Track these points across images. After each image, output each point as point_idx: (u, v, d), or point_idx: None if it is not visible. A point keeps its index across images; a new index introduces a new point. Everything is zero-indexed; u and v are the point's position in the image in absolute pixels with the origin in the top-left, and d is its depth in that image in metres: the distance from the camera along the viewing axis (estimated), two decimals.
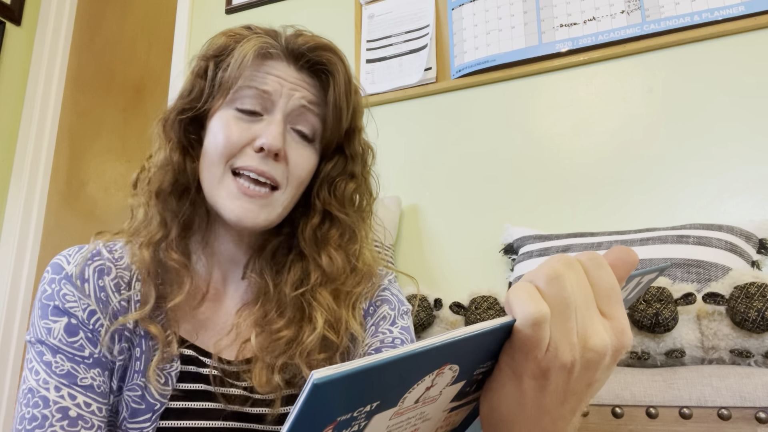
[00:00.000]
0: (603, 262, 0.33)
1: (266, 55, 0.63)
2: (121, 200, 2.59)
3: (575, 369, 0.31)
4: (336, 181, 0.67)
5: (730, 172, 1.37)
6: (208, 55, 0.64)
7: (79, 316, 0.56)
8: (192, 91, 0.64)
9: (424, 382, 0.28)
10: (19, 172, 2.28)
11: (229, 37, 0.64)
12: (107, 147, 2.67)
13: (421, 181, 1.70)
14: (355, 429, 0.28)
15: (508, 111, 1.64)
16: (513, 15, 1.67)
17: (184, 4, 2.24)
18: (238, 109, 0.62)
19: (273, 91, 0.61)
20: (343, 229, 0.66)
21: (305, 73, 0.64)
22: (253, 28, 0.66)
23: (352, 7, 1.93)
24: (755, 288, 0.89)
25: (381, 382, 0.26)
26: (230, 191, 0.60)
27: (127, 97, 2.72)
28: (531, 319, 0.29)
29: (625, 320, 0.32)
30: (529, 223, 1.51)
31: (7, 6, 2.29)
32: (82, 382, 0.54)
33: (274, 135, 0.59)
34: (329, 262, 0.64)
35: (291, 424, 0.24)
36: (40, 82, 2.37)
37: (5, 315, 2.14)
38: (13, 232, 2.23)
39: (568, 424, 0.35)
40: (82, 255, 0.59)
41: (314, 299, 0.62)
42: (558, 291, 0.30)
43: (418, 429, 0.33)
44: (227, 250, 0.66)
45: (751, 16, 1.40)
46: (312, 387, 0.22)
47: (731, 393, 0.82)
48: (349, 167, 0.68)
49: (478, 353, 0.31)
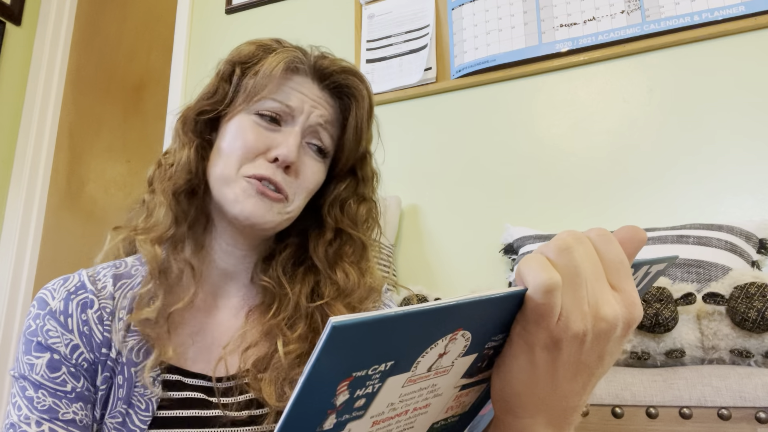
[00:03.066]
0: (612, 238, 0.33)
1: (294, 69, 0.64)
2: (121, 200, 2.59)
3: (587, 339, 0.32)
4: (348, 202, 0.69)
5: (730, 172, 1.37)
6: (235, 60, 0.65)
7: (62, 351, 0.57)
8: (215, 94, 0.65)
9: (437, 346, 0.29)
10: (19, 172, 2.28)
11: (258, 47, 0.66)
12: (107, 147, 2.67)
13: (421, 181, 1.70)
14: (369, 391, 0.28)
15: (508, 111, 1.64)
16: (513, 15, 1.67)
17: (184, 4, 2.24)
18: (259, 115, 0.63)
19: (295, 105, 0.63)
20: (355, 246, 0.68)
21: (327, 93, 0.66)
22: (283, 42, 0.67)
23: (352, 7, 1.93)
24: (755, 288, 0.89)
25: (396, 337, 0.26)
26: (245, 189, 0.60)
27: (127, 96, 2.72)
28: (543, 286, 0.30)
29: (635, 293, 0.33)
30: (529, 223, 1.51)
31: (7, 6, 2.29)
32: (63, 417, 0.55)
33: (290, 147, 0.60)
34: (344, 277, 0.65)
35: (307, 374, 0.24)
36: (40, 82, 2.37)
37: (5, 315, 2.14)
38: (13, 232, 2.23)
39: (579, 401, 0.35)
40: (66, 288, 0.59)
41: (331, 312, 0.63)
42: (568, 261, 0.31)
43: (430, 405, 0.33)
44: (225, 253, 0.66)
45: (751, 16, 1.40)
46: (331, 329, 0.23)
47: (731, 393, 0.82)
48: (360, 189, 0.70)
49: (489, 322, 0.31)
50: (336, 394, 0.26)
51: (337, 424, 0.28)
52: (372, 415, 0.30)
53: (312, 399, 0.26)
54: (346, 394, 0.27)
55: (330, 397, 0.26)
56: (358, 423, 0.30)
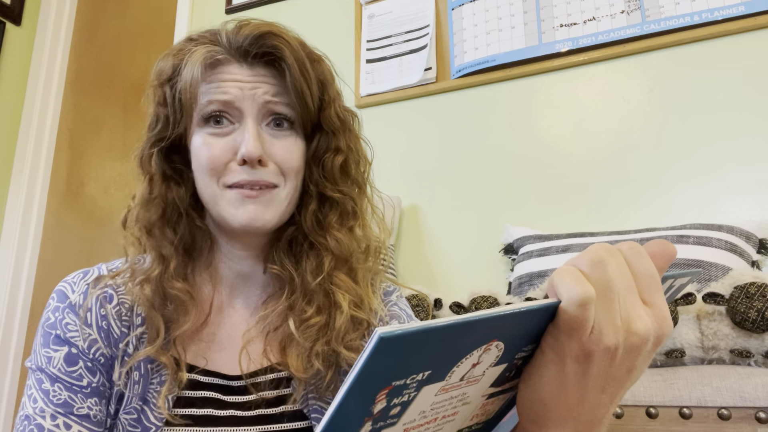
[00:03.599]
0: (643, 252, 0.33)
1: (215, 63, 0.60)
2: (121, 200, 2.58)
3: (618, 353, 0.32)
4: (323, 160, 0.64)
5: (730, 172, 1.37)
6: (162, 80, 0.63)
7: (80, 345, 0.57)
8: (158, 122, 0.63)
9: (472, 357, 0.29)
10: (19, 172, 2.28)
11: (175, 56, 0.63)
12: (107, 147, 2.67)
13: (421, 181, 1.70)
14: (405, 399, 0.29)
15: (508, 111, 1.64)
16: (513, 15, 1.67)
17: (184, 4, 2.24)
18: (209, 125, 0.60)
19: (234, 96, 0.59)
20: (341, 209, 0.65)
21: (259, 66, 0.61)
22: (195, 37, 0.64)
23: (352, 7, 1.93)
24: (755, 288, 0.89)
25: (436, 348, 0.26)
26: (231, 201, 0.59)
27: (127, 97, 2.72)
28: (578, 299, 0.30)
29: (665, 308, 0.33)
30: (529, 223, 1.51)
31: (7, 6, 2.29)
32: (78, 412, 0.55)
33: (250, 143, 0.57)
34: (336, 244, 0.63)
35: (351, 383, 0.25)
36: (40, 82, 2.36)
37: (5, 315, 2.14)
38: (13, 232, 2.23)
39: (607, 413, 0.35)
40: (86, 282, 0.60)
41: (333, 284, 0.63)
42: (602, 275, 0.31)
43: (458, 413, 0.34)
44: (234, 263, 0.66)
45: (751, 16, 1.40)
46: (378, 340, 0.23)
47: (731, 393, 0.82)
48: (332, 142, 0.65)
49: (521, 334, 0.31)
50: (375, 403, 0.27)
51: (372, 430, 0.29)
52: (404, 423, 0.31)
53: (352, 407, 0.26)
54: (384, 402, 0.27)
55: (369, 405, 0.27)
56: (391, 430, 0.30)
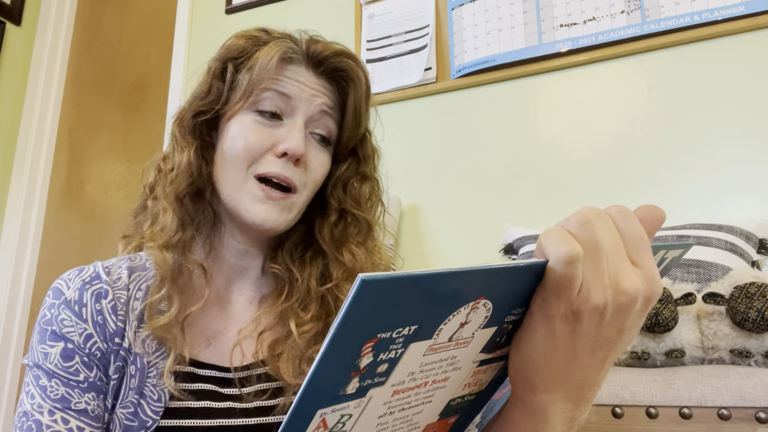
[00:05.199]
0: (631, 215, 0.33)
1: (288, 60, 0.63)
2: (122, 200, 2.59)
3: (607, 312, 0.32)
4: (351, 182, 0.68)
5: (730, 172, 1.37)
6: (226, 57, 0.64)
7: (76, 340, 0.57)
8: (209, 93, 0.64)
9: (459, 314, 0.29)
10: (19, 172, 2.28)
11: (248, 40, 0.64)
12: (107, 147, 2.67)
13: (421, 181, 1.70)
14: (392, 356, 0.28)
15: (508, 111, 1.64)
16: (513, 15, 1.67)
17: (184, 4, 2.24)
18: (259, 112, 0.62)
19: (294, 95, 0.62)
20: (360, 227, 0.68)
21: (324, 78, 0.65)
22: (270, 31, 0.66)
23: (352, 7, 1.93)
24: (755, 288, 0.89)
25: (422, 298, 0.26)
26: (254, 195, 0.60)
27: (127, 96, 2.72)
28: (565, 257, 0.30)
29: (655, 269, 0.33)
30: (529, 223, 1.51)
31: (7, 6, 2.29)
32: (76, 407, 0.55)
33: (297, 140, 0.60)
34: (351, 258, 0.65)
35: (334, 331, 0.25)
36: (40, 82, 2.37)
37: (5, 315, 2.14)
38: (13, 232, 2.23)
39: (598, 376, 0.35)
40: (81, 278, 0.60)
41: (341, 293, 0.64)
42: (589, 234, 0.31)
43: (449, 378, 0.33)
44: (236, 251, 0.66)
45: (751, 16, 1.40)
46: (360, 284, 0.23)
47: (731, 393, 0.82)
48: (361, 169, 0.69)
49: (510, 294, 0.31)
50: (360, 356, 0.27)
51: (359, 389, 0.29)
52: (393, 384, 0.30)
53: (337, 359, 0.26)
54: (370, 356, 0.27)
55: (355, 359, 0.27)
56: (380, 390, 0.30)
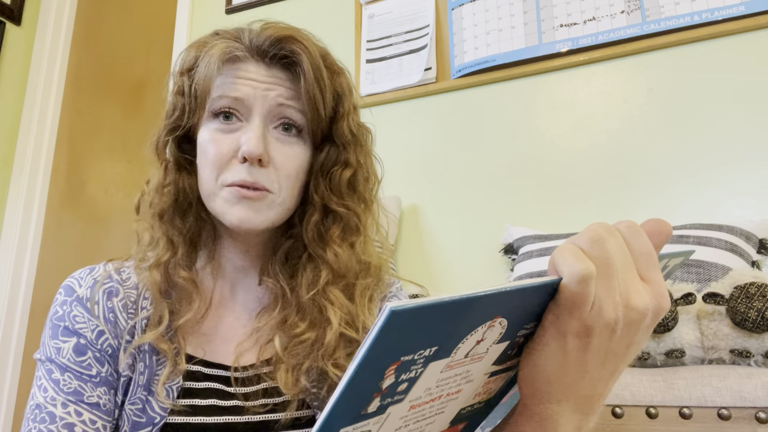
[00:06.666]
0: (640, 230, 0.34)
1: (233, 58, 0.61)
2: (122, 200, 2.59)
3: (618, 328, 0.33)
4: (331, 172, 0.64)
5: (730, 172, 1.37)
6: (182, 70, 0.64)
7: (88, 336, 0.58)
8: (175, 110, 0.64)
9: (477, 333, 0.30)
10: (19, 172, 2.28)
11: (198, 48, 0.64)
12: (107, 147, 2.67)
13: (421, 181, 1.70)
14: (412, 375, 0.29)
15: (508, 111, 1.64)
16: (513, 15, 1.67)
17: (184, 4, 2.24)
18: (218, 119, 0.61)
19: (246, 96, 0.59)
20: (344, 223, 0.65)
21: (277, 68, 0.61)
22: (220, 32, 0.64)
23: (352, 7, 1.93)
24: (755, 288, 0.89)
25: (444, 323, 0.27)
26: (227, 199, 0.59)
27: (127, 97, 2.72)
28: (578, 275, 0.31)
29: (662, 284, 0.34)
30: (529, 223, 1.51)
31: (7, 6, 2.29)
32: (88, 400, 0.56)
33: (252, 142, 0.57)
34: (335, 258, 0.63)
35: (362, 357, 0.25)
36: (40, 82, 2.36)
37: (5, 314, 2.14)
38: (13, 232, 2.23)
39: (606, 388, 0.36)
40: (92, 277, 0.61)
41: (326, 299, 0.62)
42: (601, 252, 0.32)
43: (461, 390, 0.34)
44: (236, 259, 0.66)
45: (751, 16, 1.40)
46: (388, 314, 0.24)
47: (731, 393, 0.82)
48: (342, 155, 0.64)
49: (523, 311, 0.32)
50: (384, 378, 0.28)
51: (380, 407, 0.30)
52: (410, 399, 0.31)
53: (362, 382, 0.27)
54: (392, 378, 0.28)
55: (378, 380, 0.28)
56: (398, 407, 0.31)
